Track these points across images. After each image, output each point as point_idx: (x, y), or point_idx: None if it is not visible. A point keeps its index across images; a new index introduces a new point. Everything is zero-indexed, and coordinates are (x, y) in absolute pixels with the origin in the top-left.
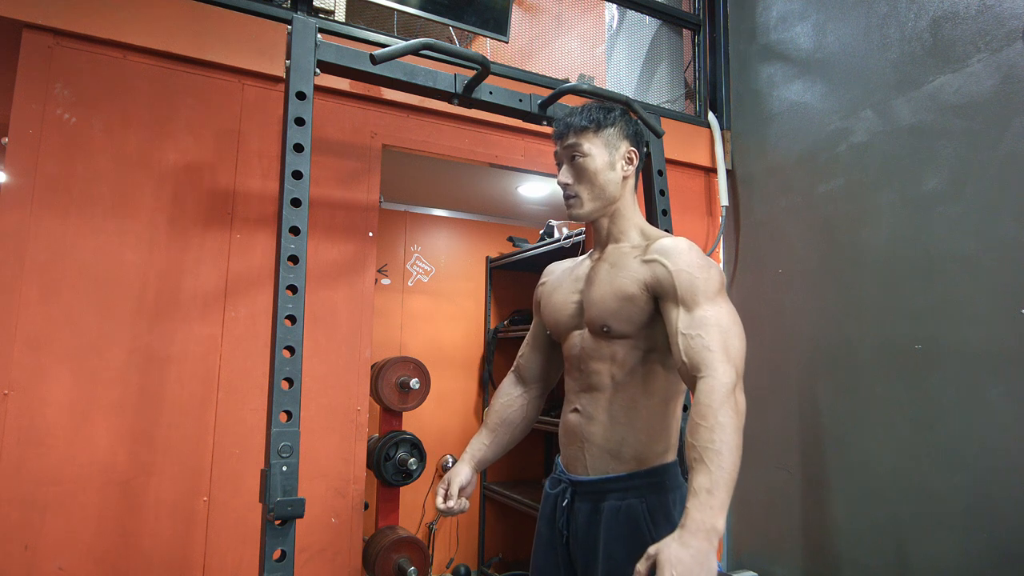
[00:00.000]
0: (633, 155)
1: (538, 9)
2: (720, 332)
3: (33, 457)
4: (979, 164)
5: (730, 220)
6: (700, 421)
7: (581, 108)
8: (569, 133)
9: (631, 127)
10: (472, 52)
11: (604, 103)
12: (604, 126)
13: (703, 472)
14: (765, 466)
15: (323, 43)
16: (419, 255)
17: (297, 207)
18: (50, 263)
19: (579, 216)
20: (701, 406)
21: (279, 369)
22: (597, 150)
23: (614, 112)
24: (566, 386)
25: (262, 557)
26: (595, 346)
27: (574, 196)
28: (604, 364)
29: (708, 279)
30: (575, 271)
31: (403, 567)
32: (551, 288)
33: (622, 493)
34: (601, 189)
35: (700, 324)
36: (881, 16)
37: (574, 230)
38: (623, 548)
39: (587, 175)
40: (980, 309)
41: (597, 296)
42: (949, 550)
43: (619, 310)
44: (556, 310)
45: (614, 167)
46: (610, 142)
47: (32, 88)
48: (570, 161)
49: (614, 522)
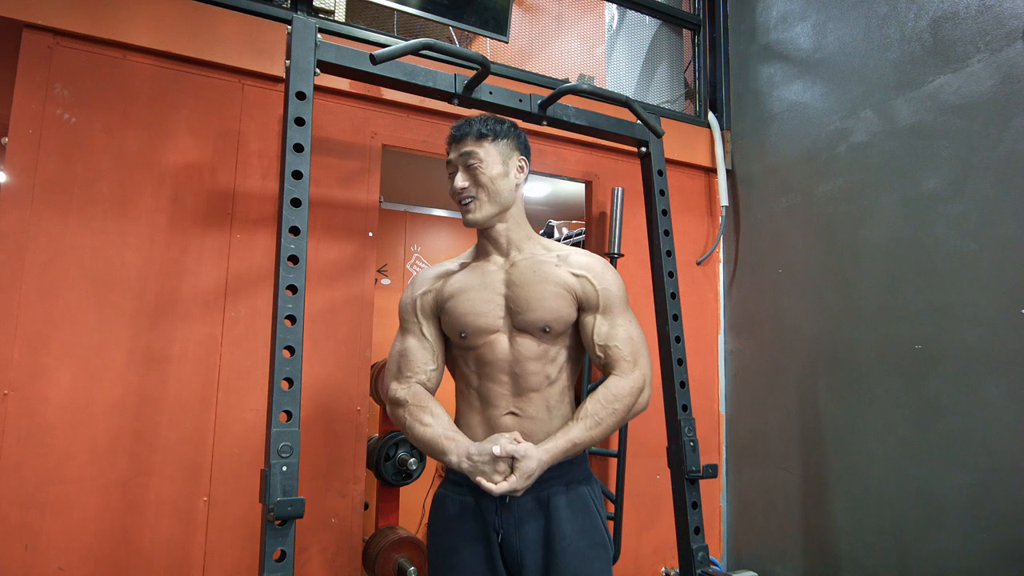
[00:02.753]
0: (524, 164)
1: (538, 9)
2: (631, 344)
3: (33, 457)
4: (979, 164)
5: (730, 220)
6: (603, 400)
7: (476, 119)
8: (467, 140)
9: (521, 140)
10: (472, 52)
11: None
12: (500, 136)
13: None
14: (765, 466)
15: (323, 43)
16: (419, 255)
17: (297, 207)
18: (50, 263)
19: (476, 220)
20: (609, 392)
21: (279, 369)
22: (492, 158)
23: (506, 124)
24: (485, 390)
25: (262, 557)
26: (533, 347)
27: (472, 199)
28: (540, 364)
29: (620, 295)
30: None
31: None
32: (452, 293)
33: (563, 480)
34: (497, 194)
35: (616, 336)
36: (881, 16)
37: (574, 230)
38: (576, 524)
39: (484, 180)
40: (980, 309)
41: (534, 298)
42: (949, 550)
43: (558, 311)
44: (474, 312)
45: (507, 175)
46: (504, 151)
47: (32, 88)
48: (466, 167)
49: (563, 502)
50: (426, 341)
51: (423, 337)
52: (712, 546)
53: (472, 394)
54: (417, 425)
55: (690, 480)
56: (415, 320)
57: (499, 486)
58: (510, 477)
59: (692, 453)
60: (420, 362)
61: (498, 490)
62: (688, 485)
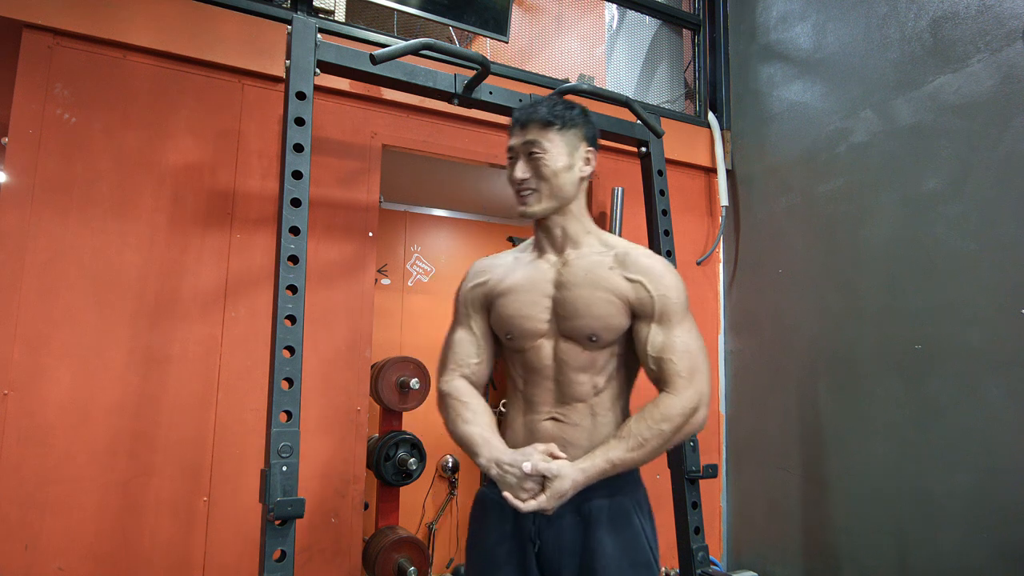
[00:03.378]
0: (591, 156)
1: (538, 9)
2: (689, 358)
3: (33, 457)
4: (979, 164)
5: (730, 220)
6: (649, 419)
7: (544, 102)
8: (531, 127)
9: (591, 129)
10: (472, 52)
11: (566, 100)
12: (568, 124)
13: (621, 451)
14: (765, 466)
15: (323, 43)
16: (419, 255)
17: (297, 207)
18: (50, 263)
19: (533, 213)
20: (658, 411)
21: (279, 369)
22: (558, 149)
23: (576, 109)
24: (530, 395)
25: (262, 557)
26: (578, 355)
27: (531, 191)
28: (586, 374)
29: (681, 302)
30: (532, 273)
31: (403, 567)
32: (503, 290)
33: (608, 491)
34: (560, 188)
35: (672, 348)
36: (881, 16)
37: None
38: (618, 540)
39: (547, 173)
40: (980, 309)
41: (582, 304)
42: (949, 550)
43: (606, 319)
44: (521, 315)
45: (572, 168)
46: (571, 141)
47: (32, 88)
48: (528, 156)
49: (606, 517)
50: (474, 335)
51: (471, 330)
52: (712, 546)
53: (518, 396)
54: (458, 421)
55: (690, 480)
56: (466, 312)
57: (526, 504)
58: (540, 496)
59: (692, 453)
60: (465, 355)
61: (525, 508)
62: (688, 485)
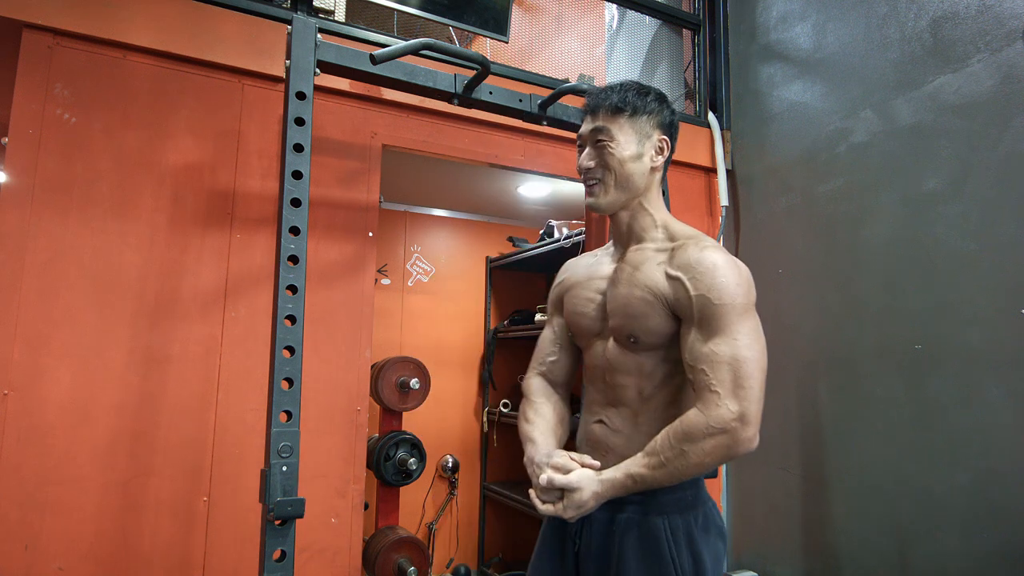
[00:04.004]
0: (665, 144)
1: (538, 9)
2: (731, 371)
3: (33, 457)
4: (979, 164)
5: (730, 220)
6: (672, 437)
7: (616, 87)
8: (599, 113)
9: (667, 115)
10: (472, 52)
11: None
12: (640, 111)
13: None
14: (765, 466)
15: (323, 43)
16: (419, 255)
17: (297, 207)
18: (50, 263)
19: (599, 206)
20: (680, 429)
21: (279, 369)
22: (626, 137)
23: (650, 95)
24: (588, 395)
25: (262, 557)
26: (622, 358)
27: (596, 182)
28: (631, 378)
29: (728, 304)
30: (595, 269)
31: (403, 567)
32: (570, 286)
33: (643, 507)
34: (627, 179)
35: (706, 358)
36: (881, 16)
37: (574, 230)
38: (643, 567)
39: (612, 163)
40: (980, 309)
41: (620, 303)
42: (949, 550)
43: (643, 320)
44: (576, 312)
45: (642, 157)
46: (642, 129)
47: (32, 88)
48: (595, 144)
49: (633, 538)
50: (555, 333)
51: (553, 328)
52: None
53: (585, 396)
54: (521, 419)
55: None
56: (551, 310)
57: (544, 507)
58: (558, 504)
59: None
60: (544, 353)
61: (542, 510)
62: None
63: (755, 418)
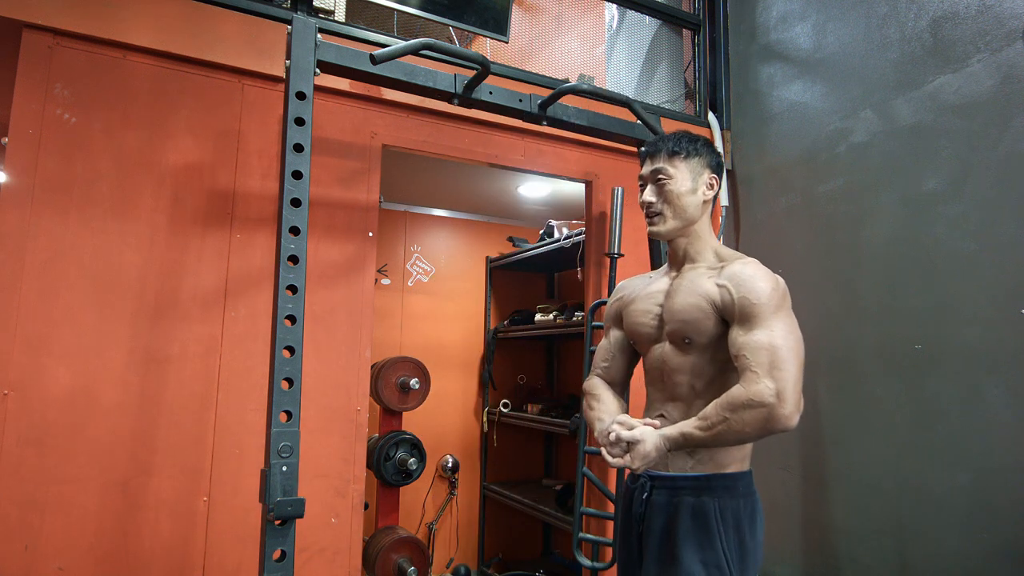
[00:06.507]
0: (715, 182)
1: (538, 9)
2: (768, 355)
3: (33, 457)
4: (979, 164)
5: (730, 220)
6: (718, 405)
7: (671, 136)
8: (658, 156)
9: (714, 158)
10: (472, 52)
11: (690, 133)
12: (692, 155)
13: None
14: (765, 466)
15: (323, 43)
16: (419, 255)
17: (297, 207)
18: (50, 263)
19: (660, 233)
20: (724, 399)
21: (279, 369)
22: (682, 175)
23: (699, 141)
24: (649, 394)
25: (262, 557)
26: (676, 358)
27: (658, 214)
28: (684, 376)
29: (765, 304)
30: (651, 286)
31: (403, 567)
32: (629, 301)
33: (697, 491)
34: (683, 210)
35: (746, 345)
36: (881, 16)
37: (574, 230)
38: (692, 536)
39: (671, 197)
40: (980, 309)
41: (677, 309)
42: (949, 550)
43: (696, 322)
44: (636, 322)
45: (696, 192)
46: (695, 169)
47: (32, 88)
48: (655, 182)
49: (687, 515)
50: (609, 343)
51: (608, 339)
52: None
53: (647, 395)
54: (586, 408)
55: None
56: (607, 324)
57: (613, 460)
58: (625, 456)
59: None
60: (600, 359)
61: (612, 463)
62: None
63: (791, 397)
